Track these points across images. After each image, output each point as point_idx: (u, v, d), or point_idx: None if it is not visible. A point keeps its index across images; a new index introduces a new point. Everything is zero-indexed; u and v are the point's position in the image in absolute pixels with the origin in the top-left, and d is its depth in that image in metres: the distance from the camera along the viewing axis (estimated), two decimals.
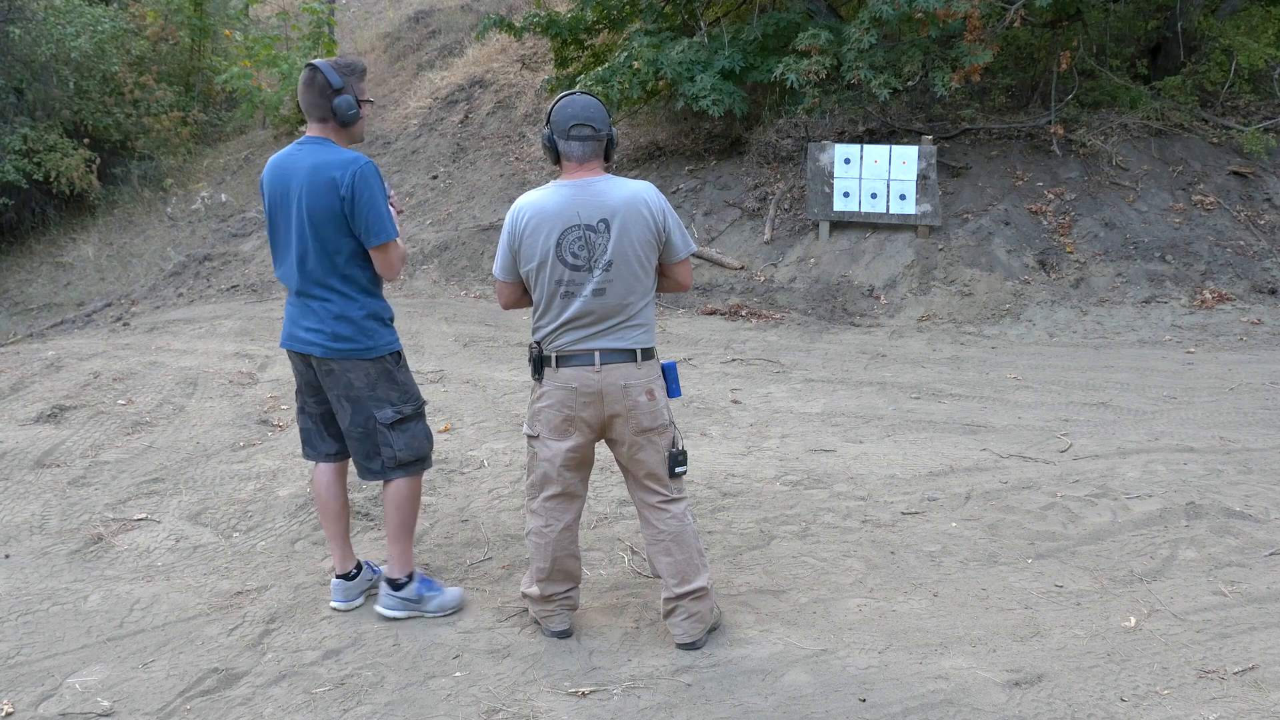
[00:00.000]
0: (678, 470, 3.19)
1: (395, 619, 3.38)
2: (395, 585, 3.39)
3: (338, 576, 3.50)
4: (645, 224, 3.05)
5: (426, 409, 3.51)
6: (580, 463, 3.19)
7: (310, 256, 3.19)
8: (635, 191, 3.06)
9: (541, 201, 3.05)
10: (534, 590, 3.27)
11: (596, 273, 3.02)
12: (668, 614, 3.23)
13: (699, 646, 3.20)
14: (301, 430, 3.49)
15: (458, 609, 3.46)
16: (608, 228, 3.01)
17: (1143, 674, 3.03)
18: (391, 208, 3.28)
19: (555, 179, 3.13)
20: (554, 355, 3.09)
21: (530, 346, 3.18)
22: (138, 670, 3.12)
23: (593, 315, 3.04)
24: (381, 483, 3.39)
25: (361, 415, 3.27)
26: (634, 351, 3.09)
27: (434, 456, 4.93)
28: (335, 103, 3.16)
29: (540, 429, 3.15)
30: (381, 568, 3.57)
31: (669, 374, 3.22)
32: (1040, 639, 3.25)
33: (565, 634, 3.29)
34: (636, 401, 3.08)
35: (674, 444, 3.18)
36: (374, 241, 3.16)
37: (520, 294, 3.21)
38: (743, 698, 2.93)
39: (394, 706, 2.90)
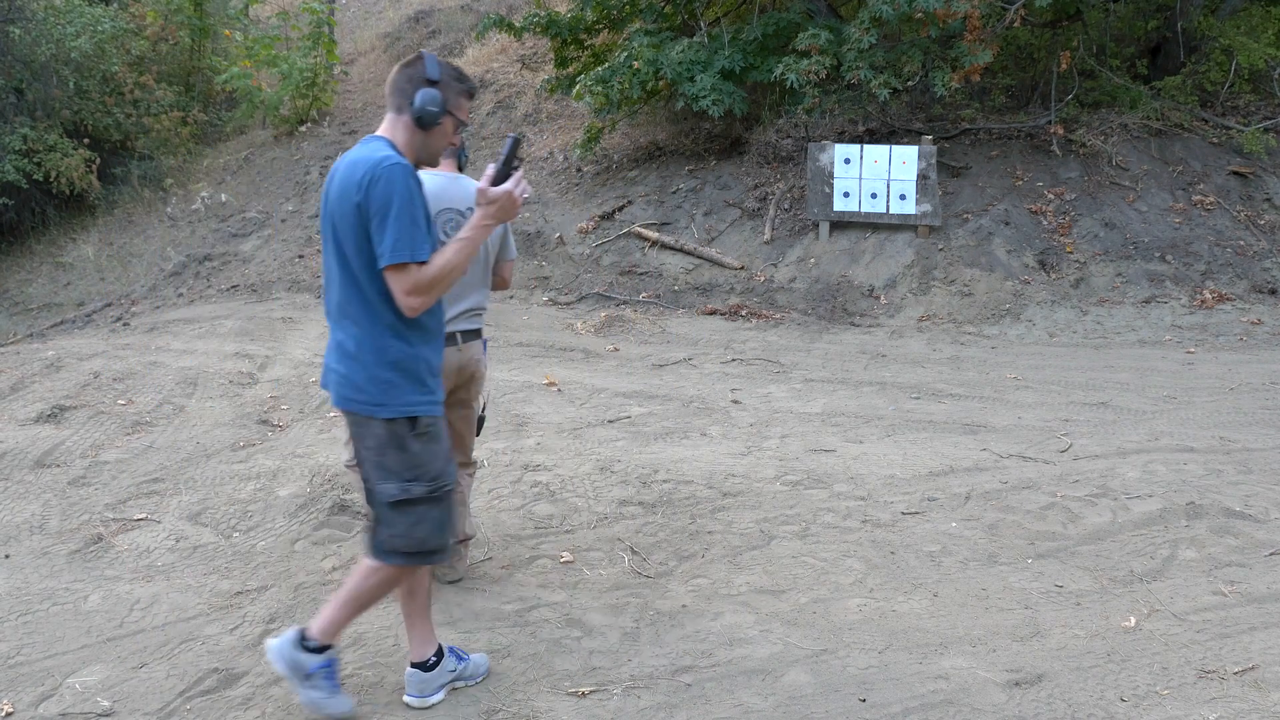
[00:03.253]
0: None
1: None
2: (305, 644, 2.81)
3: (413, 665, 2.92)
4: None
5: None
6: None
7: (335, 275, 2.63)
8: None
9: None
10: None
11: None
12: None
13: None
14: None
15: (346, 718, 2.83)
16: None
17: (1143, 674, 3.03)
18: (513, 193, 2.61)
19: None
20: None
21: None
22: (138, 670, 3.12)
23: None
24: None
25: (370, 482, 2.73)
26: None
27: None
28: (418, 94, 2.60)
29: None
30: (472, 657, 3.07)
31: None
32: (1040, 639, 3.25)
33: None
34: None
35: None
36: (382, 261, 2.49)
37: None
38: (743, 698, 2.93)
39: (394, 706, 2.90)
